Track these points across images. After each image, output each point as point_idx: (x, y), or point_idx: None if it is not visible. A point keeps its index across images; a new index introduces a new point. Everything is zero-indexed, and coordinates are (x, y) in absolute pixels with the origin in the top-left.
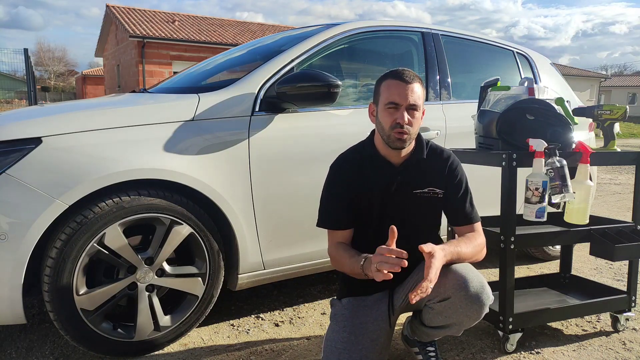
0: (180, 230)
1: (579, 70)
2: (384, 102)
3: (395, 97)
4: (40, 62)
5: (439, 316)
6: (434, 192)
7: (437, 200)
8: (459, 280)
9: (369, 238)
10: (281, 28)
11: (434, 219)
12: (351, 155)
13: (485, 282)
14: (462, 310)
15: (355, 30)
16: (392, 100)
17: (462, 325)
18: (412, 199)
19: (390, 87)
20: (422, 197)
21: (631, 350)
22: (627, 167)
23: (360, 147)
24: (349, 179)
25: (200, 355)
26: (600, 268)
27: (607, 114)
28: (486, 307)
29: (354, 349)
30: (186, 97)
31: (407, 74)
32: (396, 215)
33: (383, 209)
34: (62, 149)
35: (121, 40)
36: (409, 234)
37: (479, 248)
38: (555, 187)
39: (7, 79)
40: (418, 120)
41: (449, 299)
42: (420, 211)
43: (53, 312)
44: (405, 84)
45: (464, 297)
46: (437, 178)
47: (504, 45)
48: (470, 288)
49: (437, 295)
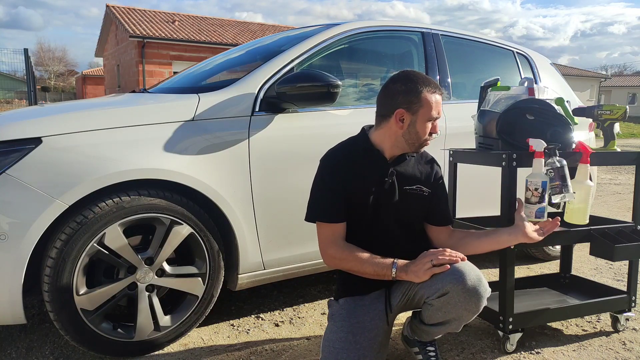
0: (180, 230)
1: (578, 70)
2: (428, 116)
3: (435, 113)
4: (40, 62)
5: (438, 312)
6: (421, 189)
7: (423, 198)
8: (455, 275)
9: (362, 231)
10: (281, 28)
11: (421, 218)
12: (343, 149)
13: (481, 275)
14: (460, 304)
15: (356, 30)
16: (437, 117)
17: (461, 320)
18: (402, 194)
19: (434, 103)
20: (411, 194)
21: (631, 350)
22: (627, 167)
23: (351, 141)
24: (343, 172)
25: (200, 355)
26: (600, 268)
27: (607, 114)
28: (484, 300)
29: (352, 348)
30: (186, 97)
31: (437, 84)
32: (390, 209)
33: (377, 202)
34: (62, 149)
35: (121, 40)
36: (401, 229)
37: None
38: (555, 187)
39: (7, 79)
40: None
41: (447, 294)
42: (410, 207)
43: (53, 312)
44: (441, 99)
45: (462, 291)
46: (423, 177)
47: (504, 45)
48: (467, 281)
49: (436, 291)
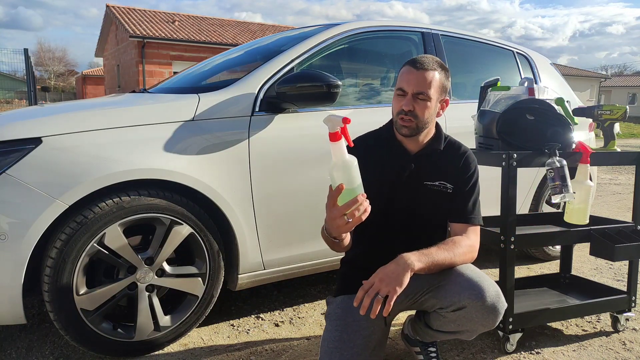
0: (180, 230)
1: (578, 70)
2: (395, 88)
3: (403, 84)
4: (40, 62)
5: (451, 324)
6: (444, 186)
7: (445, 195)
8: (475, 290)
9: (374, 225)
10: (281, 28)
11: (441, 215)
12: (367, 137)
13: (499, 290)
14: (477, 320)
15: (355, 30)
16: (400, 87)
17: (475, 332)
18: (422, 189)
19: (402, 73)
20: (432, 190)
21: (631, 350)
22: (627, 167)
23: (378, 131)
24: (363, 159)
25: (200, 355)
26: (600, 268)
27: (607, 114)
28: (501, 315)
29: (345, 347)
30: (186, 97)
31: (422, 60)
32: (404, 202)
33: (392, 194)
34: (62, 149)
35: (121, 40)
36: (414, 226)
37: (461, 255)
38: (555, 187)
39: (7, 79)
40: (428, 109)
41: (464, 309)
42: (427, 204)
43: (53, 312)
44: (415, 71)
45: (480, 307)
46: (449, 172)
47: (504, 45)
48: (487, 298)
49: (452, 303)
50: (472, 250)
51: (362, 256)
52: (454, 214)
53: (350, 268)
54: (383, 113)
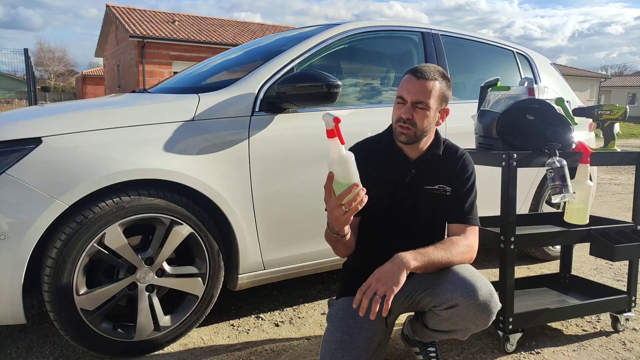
0: (180, 230)
1: (578, 70)
2: (396, 96)
3: (403, 92)
4: (40, 62)
5: (445, 322)
6: (444, 189)
7: (445, 198)
8: (467, 288)
9: (375, 229)
10: (281, 28)
11: (441, 218)
12: (367, 144)
13: (493, 289)
14: (469, 318)
15: (355, 30)
16: (400, 95)
17: (468, 332)
18: (423, 194)
19: (403, 81)
20: (432, 194)
21: (631, 350)
22: (627, 167)
23: (377, 137)
24: (363, 165)
25: (200, 355)
26: (600, 268)
27: (607, 114)
28: (494, 315)
29: (347, 349)
30: (186, 97)
31: (423, 70)
32: (405, 207)
33: (393, 200)
34: (62, 149)
35: (121, 40)
36: (414, 230)
37: (459, 254)
38: (555, 187)
39: (7, 79)
40: (427, 118)
41: (456, 307)
42: (428, 208)
43: (53, 312)
44: (416, 80)
45: (472, 306)
46: (448, 175)
47: (504, 45)
48: (479, 297)
49: (445, 301)
50: (470, 250)
51: (363, 260)
52: (452, 215)
53: (352, 272)
54: (383, 113)
